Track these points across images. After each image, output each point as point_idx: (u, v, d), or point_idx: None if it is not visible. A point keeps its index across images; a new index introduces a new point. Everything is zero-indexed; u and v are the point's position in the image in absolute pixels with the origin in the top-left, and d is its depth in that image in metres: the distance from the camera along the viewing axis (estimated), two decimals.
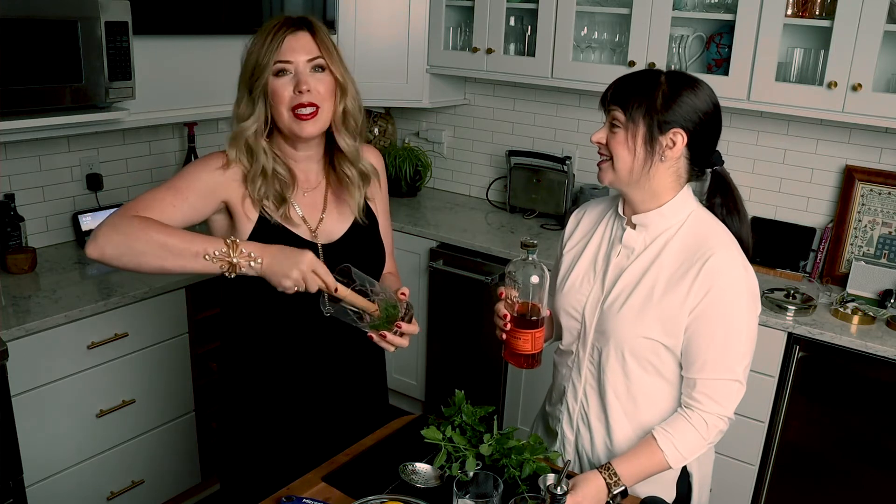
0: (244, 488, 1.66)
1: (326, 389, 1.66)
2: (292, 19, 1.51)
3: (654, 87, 1.40)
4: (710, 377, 1.42)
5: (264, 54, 1.48)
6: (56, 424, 2.28)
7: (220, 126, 3.15)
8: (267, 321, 1.60)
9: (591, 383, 1.55)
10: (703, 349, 1.42)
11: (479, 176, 3.69)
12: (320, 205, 1.61)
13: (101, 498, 2.46)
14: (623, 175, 1.44)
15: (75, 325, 2.25)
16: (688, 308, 1.41)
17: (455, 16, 3.33)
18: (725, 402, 1.43)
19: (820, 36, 2.55)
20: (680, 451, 1.43)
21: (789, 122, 2.84)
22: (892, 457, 2.34)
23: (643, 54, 2.77)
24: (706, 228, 1.46)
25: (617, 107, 1.41)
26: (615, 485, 1.40)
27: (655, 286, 1.44)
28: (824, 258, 2.77)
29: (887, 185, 2.67)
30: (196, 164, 1.54)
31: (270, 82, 1.49)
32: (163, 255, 1.35)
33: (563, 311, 1.58)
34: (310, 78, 1.49)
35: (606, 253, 1.54)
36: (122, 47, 2.32)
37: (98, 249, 1.35)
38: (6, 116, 2.14)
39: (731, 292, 1.40)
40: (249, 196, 1.52)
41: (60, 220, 2.76)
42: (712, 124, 1.43)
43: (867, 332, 2.36)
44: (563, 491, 1.29)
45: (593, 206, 1.64)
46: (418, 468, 1.48)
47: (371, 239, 1.67)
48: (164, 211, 1.43)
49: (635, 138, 1.40)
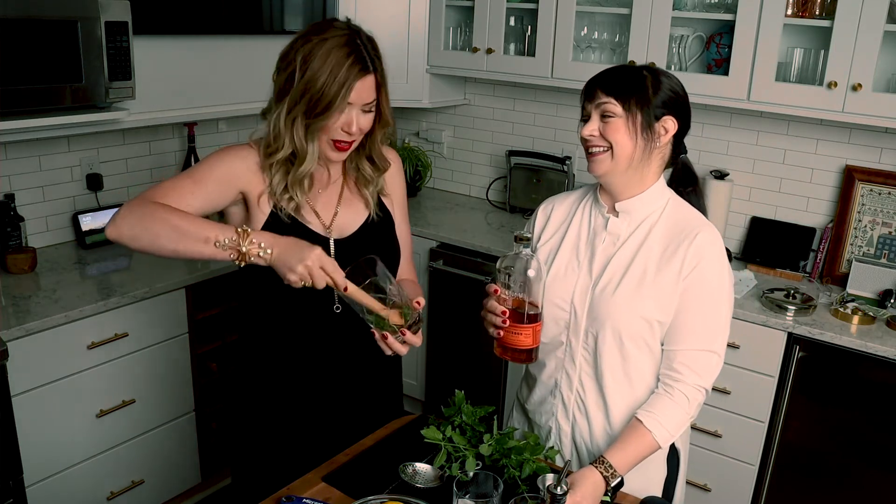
0: (255, 483, 1.66)
1: (340, 387, 1.66)
2: (362, 56, 1.46)
3: (641, 79, 1.47)
4: (692, 348, 1.48)
5: (335, 95, 1.44)
6: (56, 424, 2.28)
7: (219, 126, 3.15)
8: (281, 316, 1.61)
9: (586, 370, 1.56)
10: (689, 321, 1.48)
11: (479, 176, 3.69)
12: (336, 199, 1.62)
13: (101, 498, 2.46)
14: (622, 162, 1.48)
15: (75, 325, 2.25)
16: (681, 278, 1.47)
17: (455, 16, 3.33)
18: (704, 373, 1.48)
19: (820, 36, 2.55)
20: (667, 428, 1.46)
21: (789, 122, 2.84)
22: (892, 457, 2.34)
23: (643, 54, 2.77)
24: (686, 211, 1.54)
25: (611, 98, 1.45)
26: (612, 476, 1.41)
27: (647, 267, 1.49)
28: (824, 258, 2.77)
29: (887, 185, 2.67)
30: (217, 153, 1.55)
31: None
32: (176, 237, 1.38)
33: (549, 301, 1.58)
34: (360, 118, 1.49)
35: (589, 241, 1.57)
36: (122, 47, 2.32)
37: (116, 230, 1.40)
38: (6, 116, 2.14)
39: (717, 267, 1.48)
40: (266, 189, 1.54)
41: (60, 220, 2.76)
42: (689, 111, 1.53)
43: (867, 332, 2.36)
44: (563, 491, 1.29)
45: (561, 199, 1.68)
46: (418, 468, 1.48)
47: (385, 234, 1.67)
48: (182, 198, 1.45)
49: (636, 126, 1.46)
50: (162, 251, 1.40)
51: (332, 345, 1.62)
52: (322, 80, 1.43)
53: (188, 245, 1.38)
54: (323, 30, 1.48)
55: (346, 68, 1.43)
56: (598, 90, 1.47)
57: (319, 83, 1.43)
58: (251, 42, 2.84)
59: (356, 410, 1.69)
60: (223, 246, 1.37)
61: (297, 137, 1.49)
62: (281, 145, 1.50)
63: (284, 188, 1.53)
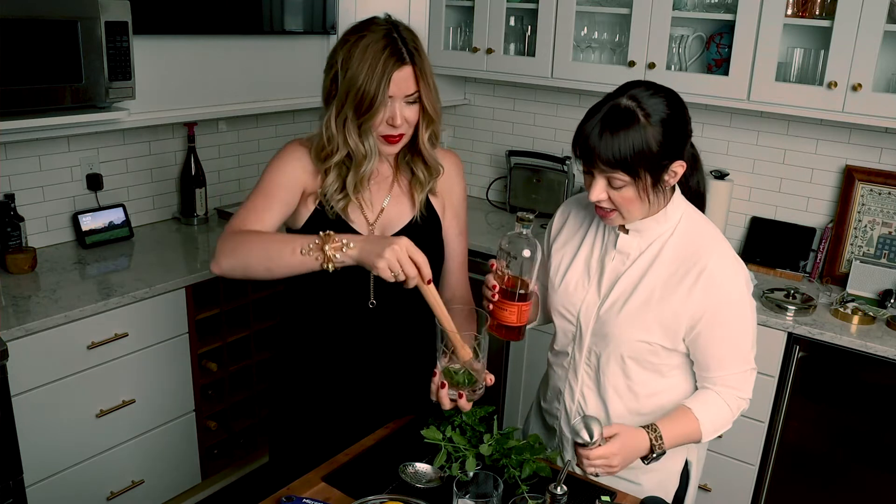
0: (292, 461, 1.72)
1: (373, 374, 1.69)
2: (398, 48, 1.47)
3: (641, 131, 1.34)
4: (728, 372, 1.48)
5: (375, 90, 1.45)
6: (56, 424, 2.28)
7: (219, 126, 3.15)
8: (319, 307, 1.65)
9: (588, 384, 1.57)
10: (717, 352, 1.47)
11: (479, 176, 3.69)
12: (384, 195, 1.63)
13: (101, 498, 2.46)
14: (636, 216, 1.45)
15: (75, 325, 2.25)
16: (689, 311, 1.44)
17: (455, 16, 3.33)
18: (745, 387, 1.50)
19: (820, 36, 2.55)
20: (714, 422, 1.47)
21: (789, 122, 2.84)
22: (892, 457, 2.34)
23: (643, 54, 2.78)
24: (698, 230, 1.48)
25: (617, 171, 1.36)
26: (658, 446, 1.42)
27: (653, 291, 1.46)
28: (824, 258, 2.77)
29: (887, 185, 2.67)
30: (277, 160, 1.58)
31: None
32: (265, 258, 1.44)
33: (557, 311, 1.59)
34: (404, 109, 1.50)
35: (600, 257, 1.54)
36: (122, 47, 2.32)
37: (218, 268, 1.48)
38: (6, 116, 2.14)
39: (734, 295, 1.45)
40: (318, 188, 1.56)
41: (60, 220, 2.75)
42: (688, 123, 1.43)
43: (867, 332, 2.36)
44: (563, 491, 1.29)
45: (578, 205, 1.65)
46: (418, 468, 1.48)
47: (429, 237, 1.66)
48: (261, 218, 1.52)
49: (646, 189, 1.39)
50: (259, 275, 1.47)
51: (366, 337, 1.66)
52: (362, 78, 1.45)
53: (277, 262, 1.43)
54: (362, 28, 1.50)
55: (382, 62, 1.45)
56: (597, 161, 1.36)
57: (360, 80, 1.45)
58: (251, 42, 2.84)
59: (388, 395, 1.72)
60: (308, 251, 1.40)
61: (352, 138, 1.50)
62: (335, 148, 1.52)
63: (338, 188, 1.55)
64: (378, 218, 1.62)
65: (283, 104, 3.02)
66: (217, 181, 3.16)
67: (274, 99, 2.99)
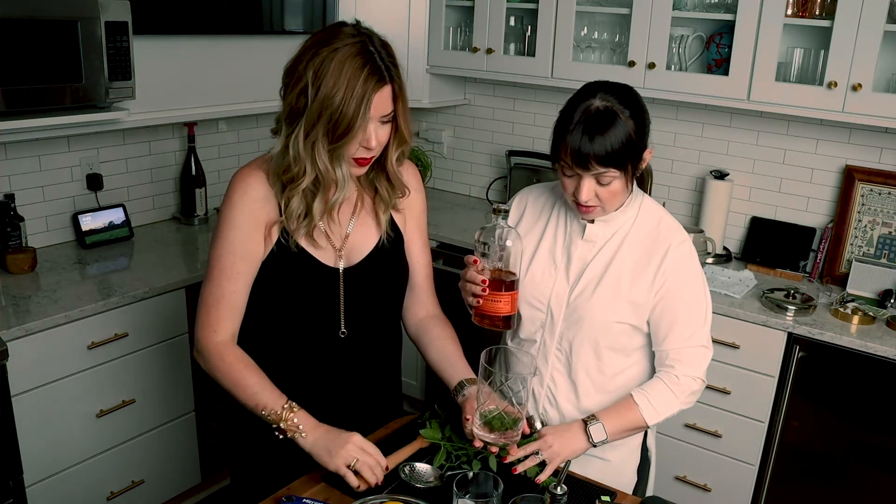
0: (253, 484, 1.65)
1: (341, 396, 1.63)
2: (377, 66, 1.35)
3: (623, 126, 1.43)
4: (680, 346, 1.55)
5: (354, 113, 1.33)
6: (56, 424, 2.28)
7: (219, 126, 3.15)
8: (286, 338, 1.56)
9: (558, 368, 1.62)
10: (671, 324, 1.55)
11: (479, 176, 3.69)
12: (349, 216, 1.54)
13: (101, 498, 2.46)
14: (614, 209, 1.54)
15: (75, 325, 2.25)
16: (654, 289, 1.54)
17: (455, 16, 3.33)
18: (695, 364, 1.56)
19: (820, 36, 2.55)
20: (655, 406, 1.53)
21: (789, 122, 2.84)
22: (892, 457, 2.34)
23: (643, 54, 2.78)
24: (657, 216, 1.59)
25: (609, 168, 1.44)
26: (591, 421, 1.51)
27: (622, 275, 1.55)
28: (824, 258, 2.77)
29: (887, 185, 2.67)
30: (229, 201, 1.46)
31: None
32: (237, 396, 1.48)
33: (525, 301, 1.61)
34: (378, 130, 1.39)
35: (565, 246, 1.60)
36: (122, 47, 2.32)
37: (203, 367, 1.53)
38: (6, 116, 2.14)
39: (691, 275, 1.56)
40: (279, 218, 1.46)
41: (60, 220, 2.76)
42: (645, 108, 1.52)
43: (867, 332, 2.36)
44: (563, 491, 1.30)
45: (535, 193, 1.69)
46: (418, 468, 1.48)
47: (395, 259, 1.61)
48: (232, 303, 1.48)
49: (631, 177, 1.50)
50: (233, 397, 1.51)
51: (336, 367, 1.59)
52: (339, 98, 1.32)
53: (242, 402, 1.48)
54: (331, 38, 1.36)
55: (362, 81, 1.32)
56: (593, 163, 1.43)
57: (337, 102, 1.32)
58: (251, 42, 2.84)
59: (355, 414, 1.66)
60: (267, 417, 1.43)
61: (321, 161, 1.38)
62: (302, 171, 1.39)
63: (302, 213, 1.44)
64: (344, 242, 1.52)
65: None
66: (217, 181, 3.16)
67: (274, 99, 2.95)
